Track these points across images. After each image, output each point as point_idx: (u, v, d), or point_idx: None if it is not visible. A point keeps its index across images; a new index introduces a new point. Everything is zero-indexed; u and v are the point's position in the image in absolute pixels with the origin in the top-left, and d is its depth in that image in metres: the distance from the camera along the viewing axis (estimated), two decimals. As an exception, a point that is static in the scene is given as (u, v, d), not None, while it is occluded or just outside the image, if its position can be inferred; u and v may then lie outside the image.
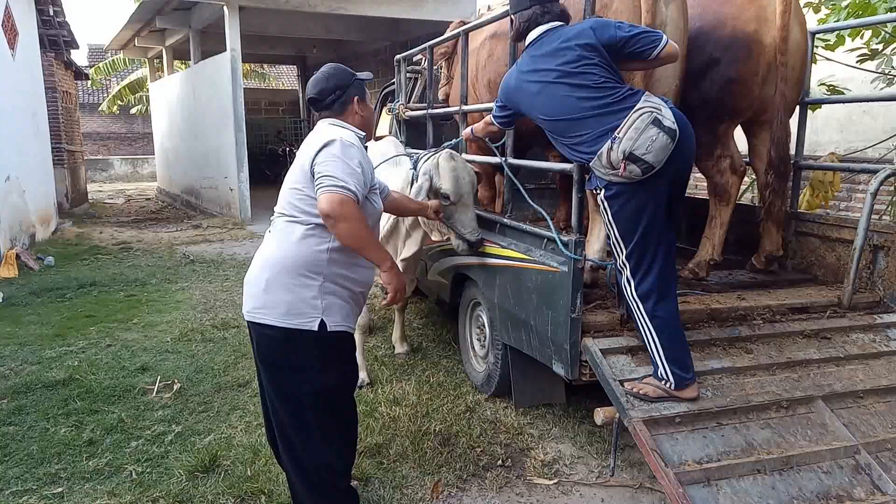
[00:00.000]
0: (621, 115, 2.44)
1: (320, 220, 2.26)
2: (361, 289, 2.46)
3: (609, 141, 2.43)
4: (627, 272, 2.60)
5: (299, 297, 2.26)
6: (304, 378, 2.33)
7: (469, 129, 3.49)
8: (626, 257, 2.58)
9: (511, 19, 2.90)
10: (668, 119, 2.42)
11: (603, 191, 2.54)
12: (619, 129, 2.42)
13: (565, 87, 2.55)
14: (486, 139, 3.52)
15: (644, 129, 2.39)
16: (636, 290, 2.59)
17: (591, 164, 2.54)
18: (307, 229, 2.29)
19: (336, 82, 2.47)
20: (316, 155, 2.25)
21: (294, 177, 2.34)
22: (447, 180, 3.32)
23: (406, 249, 3.87)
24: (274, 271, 2.28)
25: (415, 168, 3.52)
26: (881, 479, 2.41)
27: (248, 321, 2.37)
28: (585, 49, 2.54)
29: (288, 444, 2.43)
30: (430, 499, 2.86)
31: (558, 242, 2.83)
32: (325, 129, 2.39)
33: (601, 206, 2.59)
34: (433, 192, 3.34)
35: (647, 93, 2.53)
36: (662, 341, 2.58)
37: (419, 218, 3.59)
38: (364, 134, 2.50)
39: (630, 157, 2.39)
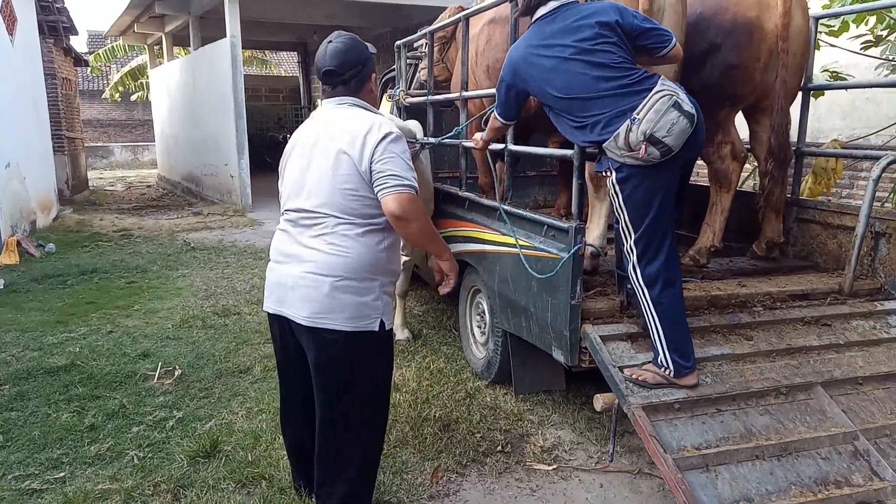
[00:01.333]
0: (639, 97, 2.41)
1: (377, 221, 2.25)
2: (396, 281, 2.50)
3: (627, 121, 2.39)
4: (634, 257, 2.57)
5: (364, 300, 2.24)
6: (364, 377, 2.34)
7: (477, 135, 3.37)
8: (634, 242, 2.54)
9: None
10: (687, 103, 2.41)
11: (614, 173, 2.50)
12: (637, 110, 2.39)
13: (582, 64, 2.49)
14: (483, 124, 3.49)
15: (665, 111, 2.37)
16: (642, 277, 2.56)
17: (604, 144, 2.48)
18: (365, 231, 2.24)
19: (358, 55, 2.33)
20: (373, 153, 2.17)
21: (342, 175, 2.20)
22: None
23: None
24: (339, 275, 2.20)
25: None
26: (879, 464, 2.42)
27: (306, 326, 2.26)
28: (604, 28, 2.49)
29: (334, 443, 2.38)
30: (430, 484, 2.87)
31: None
32: (359, 116, 2.27)
33: (611, 190, 2.55)
34: None
35: (662, 77, 2.51)
36: (665, 329, 2.57)
37: None
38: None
39: (650, 140, 2.37)
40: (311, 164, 2.26)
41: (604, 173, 2.57)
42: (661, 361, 2.58)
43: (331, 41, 2.33)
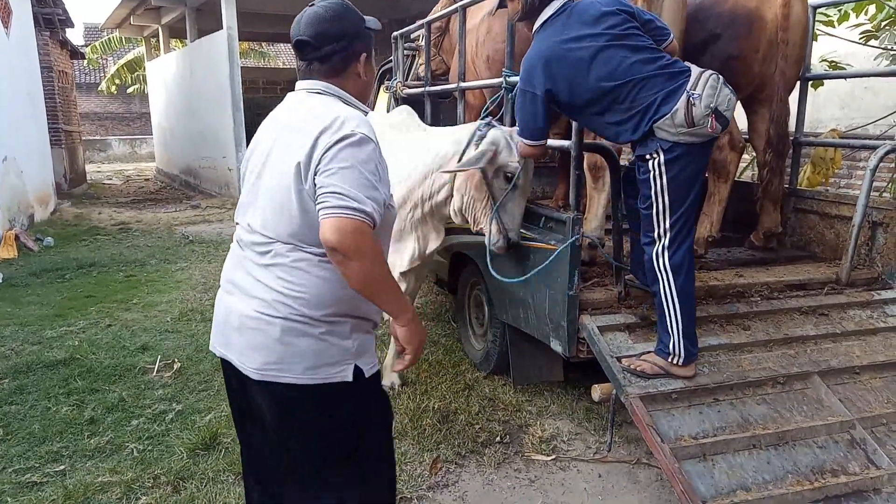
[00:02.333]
0: (683, 76, 2.41)
1: None
2: (378, 318, 1.88)
3: (685, 96, 2.36)
4: (664, 242, 2.51)
5: (328, 343, 1.70)
6: (339, 445, 1.78)
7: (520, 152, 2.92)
8: (669, 225, 2.49)
9: None
10: (727, 84, 2.45)
11: (663, 154, 2.43)
12: (691, 86, 2.38)
13: (621, 49, 2.44)
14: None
15: (720, 88, 2.39)
16: (669, 262, 2.51)
17: (657, 124, 2.41)
18: (324, 262, 1.68)
19: (344, 27, 1.77)
20: (319, 160, 1.60)
21: (290, 190, 1.65)
22: (518, 158, 2.90)
23: (431, 243, 3.39)
24: (290, 316, 1.67)
25: (480, 130, 3.00)
26: (876, 453, 2.43)
27: (256, 380, 1.72)
28: (629, 15, 2.49)
29: None
30: (429, 475, 2.88)
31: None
32: (323, 108, 1.71)
33: (653, 173, 2.47)
34: (495, 167, 2.93)
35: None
36: (683, 316, 2.54)
37: (456, 202, 3.14)
38: (368, 112, 1.88)
39: (715, 113, 2.37)
40: (266, 171, 1.74)
41: (650, 155, 2.48)
42: (672, 348, 2.55)
43: (313, 4, 1.80)
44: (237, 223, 1.84)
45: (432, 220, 3.34)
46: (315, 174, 1.61)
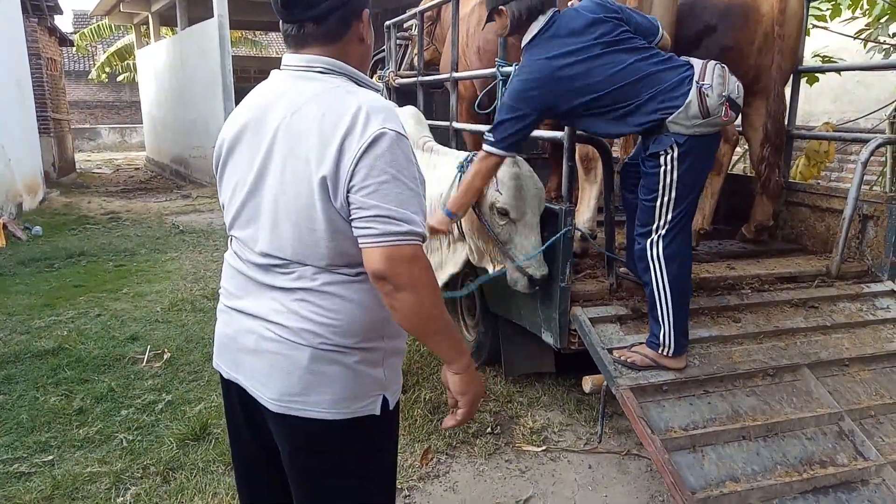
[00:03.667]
0: (683, 69, 2.40)
1: None
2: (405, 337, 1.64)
3: (696, 88, 2.34)
4: (661, 232, 2.50)
5: (359, 373, 1.48)
6: (358, 478, 1.56)
7: (450, 205, 2.73)
8: (672, 216, 2.47)
9: (500, 11, 2.54)
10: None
11: (677, 149, 2.40)
12: (698, 77, 2.36)
13: (617, 53, 2.42)
14: (476, 108, 3.45)
15: (728, 77, 2.38)
16: (663, 252, 2.50)
17: (670, 119, 2.38)
18: (358, 282, 1.45)
19: None
20: (351, 175, 1.33)
21: (310, 210, 1.37)
22: (507, 191, 2.66)
23: (445, 269, 3.19)
24: (322, 343, 1.44)
25: (462, 169, 2.80)
26: (864, 444, 2.45)
27: (274, 412, 1.47)
28: (617, 20, 2.47)
29: None
30: (420, 465, 2.88)
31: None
32: (334, 98, 1.39)
33: (664, 168, 2.43)
34: (486, 205, 2.73)
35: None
36: (675, 307, 2.53)
37: (474, 251, 2.97)
38: (380, 89, 1.61)
39: (729, 101, 2.36)
40: (266, 180, 1.44)
41: (664, 151, 2.42)
42: (663, 340, 2.55)
43: None
44: (231, 235, 1.57)
45: (451, 242, 3.17)
46: (349, 191, 1.34)
